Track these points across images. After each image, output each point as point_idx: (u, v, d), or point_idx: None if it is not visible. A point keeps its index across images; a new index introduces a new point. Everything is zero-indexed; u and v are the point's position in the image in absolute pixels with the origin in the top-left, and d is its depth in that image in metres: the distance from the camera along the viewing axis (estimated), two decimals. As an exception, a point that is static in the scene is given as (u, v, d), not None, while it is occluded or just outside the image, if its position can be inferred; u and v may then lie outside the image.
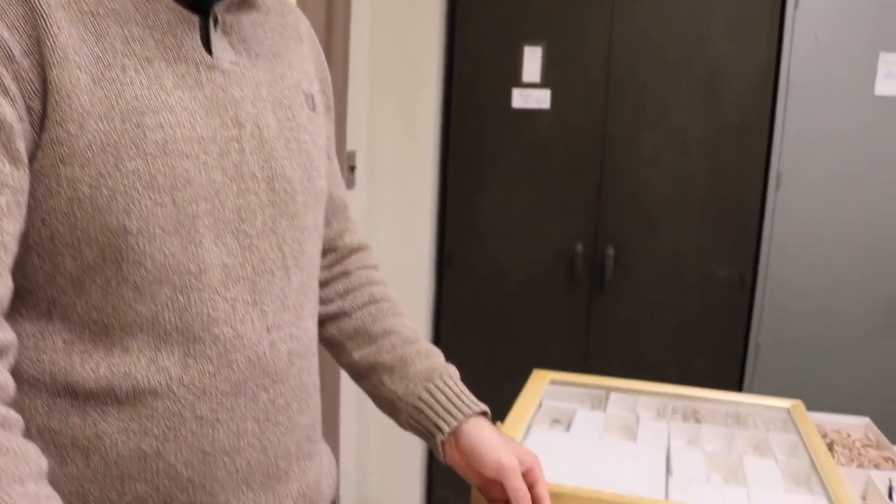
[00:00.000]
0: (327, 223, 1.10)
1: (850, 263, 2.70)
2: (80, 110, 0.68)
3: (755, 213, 2.75)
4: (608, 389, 1.59)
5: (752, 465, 1.28)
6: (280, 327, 0.84)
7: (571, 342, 2.93)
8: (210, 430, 0.78)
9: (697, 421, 1.49)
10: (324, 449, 0.99)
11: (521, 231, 2.92)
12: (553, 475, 1.11)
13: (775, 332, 2.76)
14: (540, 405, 1.49)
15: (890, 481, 1.32)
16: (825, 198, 2.69)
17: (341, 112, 2.67)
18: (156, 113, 0.73)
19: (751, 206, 2.75)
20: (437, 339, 3.08)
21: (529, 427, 1.37)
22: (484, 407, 1.05)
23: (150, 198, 0.72)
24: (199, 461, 0.77)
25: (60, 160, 0.68)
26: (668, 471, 1.24)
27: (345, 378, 2.72)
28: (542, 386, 1.56)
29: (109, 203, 0.70)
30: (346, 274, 1.13)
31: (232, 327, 0.79)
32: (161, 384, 0.75)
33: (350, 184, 2.85)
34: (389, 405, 1.07)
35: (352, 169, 2.86)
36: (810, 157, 2.69)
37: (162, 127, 0.73)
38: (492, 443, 1.00)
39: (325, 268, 1.12)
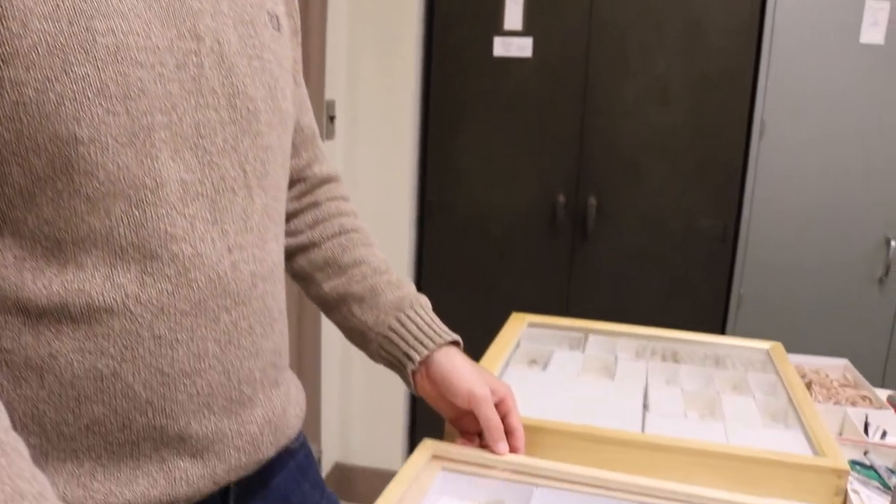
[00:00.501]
0: (296, 152, 1.07)
1: (833, 214, 2.69)
2: (22, 7, 0.64)
3: (738, 163, 2.73)
4: (587, 332, 1.58)
5: (729, 402, 1.27)
6: (242, 248, 0.81)
7: (553, 292, 2.92)
8: (169, 351, 0.75)
9: (676, 362, 1.48)
10: (291, 378, 0.97)
11: (503, 180, 2.89)
12: (528, 410, 1.10)
13: (757, 283, 2.76)
14: (518, 346, 1.47)
15: (866, 417, 1.31)
16: (809, 147, 2.68)
17: (320, 60, 2.62)
18: (106, 18, 0.69)
19: (734, 155, 2.73)
20: (418, 289, 3.05)
21: (506, 367, 1.36)
22: (455, 336, 1.03)
23: (102, 105, 0.68)
24: (157, 382, 0.75)
25: (2, 60, 0.64)
26: (645, 407, 1.23)
27: (326, 326, 2.70)
28: (519, 328, 1.54)
29: (57, 109, 0.66)
30: (315, 205, 1.10)
31: (191, 245, 0.76)
32: (117, 302, 0.72)
33: (329, 134, 2.81)
34: (360, 336, 1.05)
35: (331, 119, 2.82)
36: (794, 107, 2.67)
37: (113, 32, 0.69)
38: (463, 372, 0.99)
39: (294, 198, 1.09)
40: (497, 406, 1.00)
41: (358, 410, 3.12)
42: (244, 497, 0.90)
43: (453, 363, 0.99)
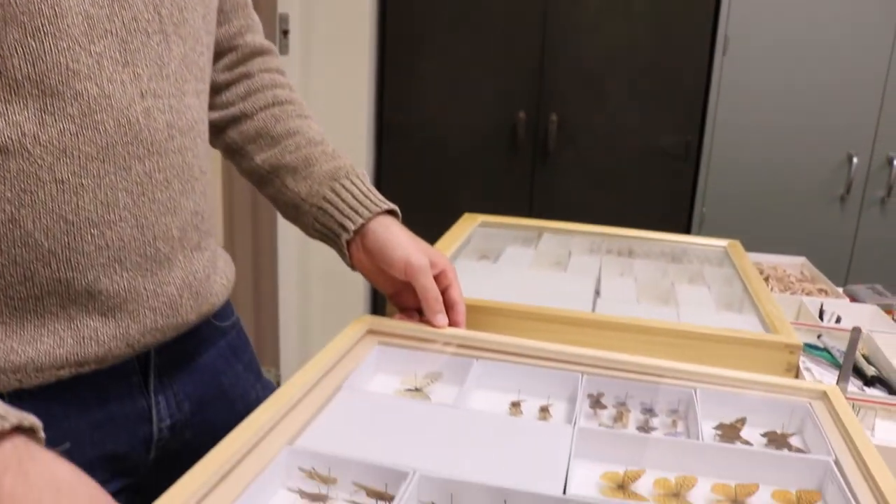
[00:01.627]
0: (226, 18, 1.00)
1: (796, 132, 2.66)
2: None
3: (701, 80, 2.68)
4: (541, 230, 1.54)
5: (683, 292, 1.24)
6: (157, 96, 0.75)
7: (513, 211, 2.86)
8: (73, 197, 0.69)
9: (631, 257, 1.45)
10: (219, 251, 0.92)
11: (462, 99, 2.82)
12: (475, 294, 1.06)
13: (719, 201, 2.74)
14: (468, 242, 1.42)
15: (821, 306, 1.29)
16: (773, 64, 2.63)
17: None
18: None
19: (697, 72, 2.68)
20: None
21: (454, 261, 1.31)
22: (392, 206, 0.98)
23: None
24: (60, 231, 0.69)
25: None
26: (597, 293, 1.20)
27: (283, 249, 2.65)
28: (471, 226, 1.49)
29: None
30: (247, 76, 1.03)
31: (97, 85, 0.69)
32: (13, 141, 0.66)
33: (283, 49, 2.71)
34: (293, 209, 0.99)
35: (284, 33, 2.71)
36: (758, 23, 2.62)
37: None
38: (400, 241, 0.94)
39: (225, 69, 1.02)
40: (436, 279, 0.95)
41: (317, 334, 3.08)
42: (167, 371, 0.85)
43: (390, 232, 0.94)
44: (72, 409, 0.75)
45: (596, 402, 0.84)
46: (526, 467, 0.68)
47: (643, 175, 2.76)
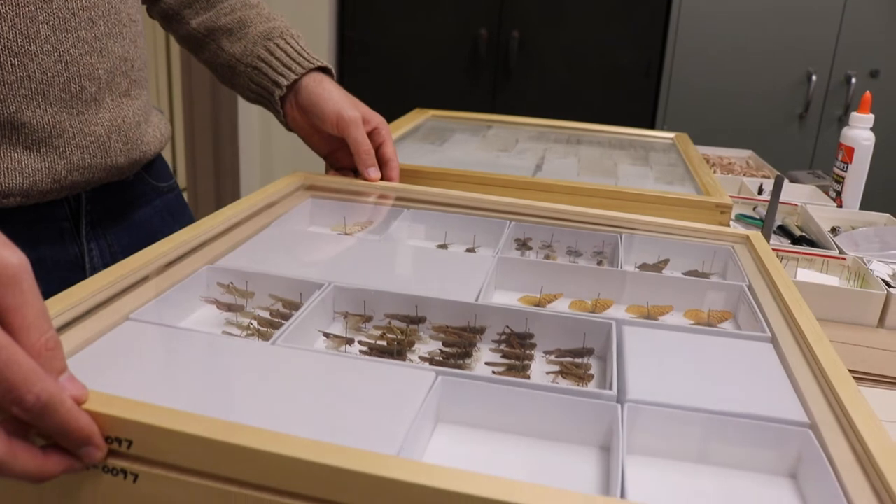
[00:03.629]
0: None
1: (755, 50, 2.66)
2: None
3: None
4: (491, 122, 1.54)
5: (626, 169, 1.25)
6: None
7: (474, 129, 2.87)
8: None
9: (579, 144, 1.45)
10: (156, 112, 0.92)
11: (423, 15, 2.79)
12: (413, 161, 1.06)
13: (680, 119, 2.74)
14: (416, 130, 1.42)
15: (761, 184, 1.30)
16: (734, -19, 2.62)
17: None
18: None
19: (659, -12, 2.67)
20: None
21: (399, 143, 1.31)
22: (326, 63, 0.97)
23: None
24: None
25: None
26: (538, 168, 1.20)
27: (243, 113, 2.63)
28: (421, 118, 1.49)
29: None
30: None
31: None
32: None
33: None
34: (229, 70, 0.98)
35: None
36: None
37: None
38: (332, 96, 0.93)
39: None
40: (370, 136, 0.95)
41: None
42: (101, 220, 0.84)
43: (322, 87, 0.94)
44: None
45: (523, 245, 0.85)
46: (442, 284, 0.69)
47: (605, 93, 2.75)
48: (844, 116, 2.68)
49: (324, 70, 0.97)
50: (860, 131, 1.27)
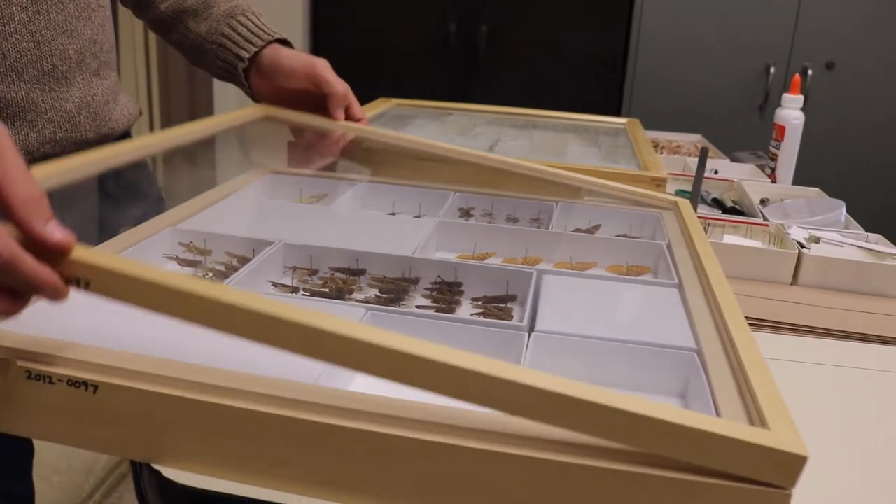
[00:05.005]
0: None
1: (715, 43, 2.73)
2: None
3: (627, -9, 2.75)
4: (451, 111, 1.61)
5: (574, 149, 1.32)
6: None
7: (444, 121, 2.94)
8: None
9: (534, 129, 1.52)
10: (125, 93, 0.98)
11: (394, 10, 2.86)
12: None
13: (643, 112, 2.81)
14: (380, 118, 1.49)
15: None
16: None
17: None
18: None
19: (623, -17, 2.74)
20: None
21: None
22: (285, 37, 1.03)
23: None
24: None
25: None
26: (491, 149, 1.27)
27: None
28: (385, 106, 1.56)
29: None
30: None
31: None
32: None
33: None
34: (197, 50, 1.04)
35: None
36: (681, -65, 2.68)
37: None
38: (294, 54, 0.99)
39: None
40: None
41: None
42: None
43: (282, 53, 0.98)
44: None
45: (466, 213, 0.92)
46: (382, 241, 0.76)
47: (573, 84, 2.82)
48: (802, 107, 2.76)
49: (283, 42, 1.03)
50: (791, 111, 1.35)
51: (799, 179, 1.39)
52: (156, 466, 0.49)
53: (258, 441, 0.46)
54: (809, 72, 2.70)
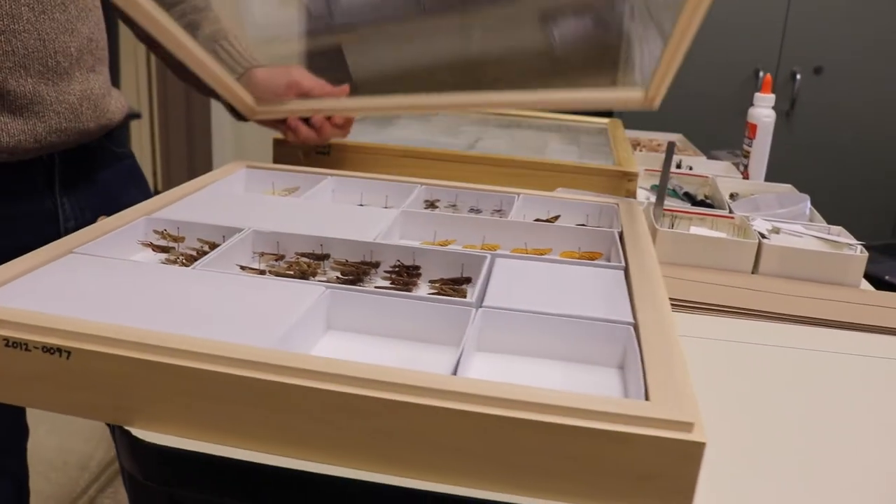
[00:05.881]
0: None
1: (706, 48, 2.76)
2: None
3: (618, -2, 2.78)
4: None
5: (554, 147, 1.35)
6: None
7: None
8: None
9: (518, 128, 1.56)
10: (114, 90, 1.02)
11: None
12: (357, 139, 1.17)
13: (637, 114, 2.84)
14: (365, 119, 1.53)
15: (680, 161, 1.41)
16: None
17: None
18: None
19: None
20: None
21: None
22: (262, 64, 1.09)
23: None
24: None
25: None
26: (472, 147, 1.31)
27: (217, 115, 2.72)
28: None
29: None
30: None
31: None
32: None
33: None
34: (182, 69, 1.09)
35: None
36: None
37: None
38: (269, 75, 1.05)
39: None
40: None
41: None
42: (71, 178, 0.95)
43: (259, 76, 1.06)
44: None
45: (430, 205, 0.96)
46: (347, 229, 0.79)
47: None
48: (791, 111, 2.80)
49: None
50: (762, 110, 1.38)
51: (786, 182, 1.42)
52: (127, 427, 0.52)
53: (222, 402, 0.50)
54: (798, 76, 2.73)
